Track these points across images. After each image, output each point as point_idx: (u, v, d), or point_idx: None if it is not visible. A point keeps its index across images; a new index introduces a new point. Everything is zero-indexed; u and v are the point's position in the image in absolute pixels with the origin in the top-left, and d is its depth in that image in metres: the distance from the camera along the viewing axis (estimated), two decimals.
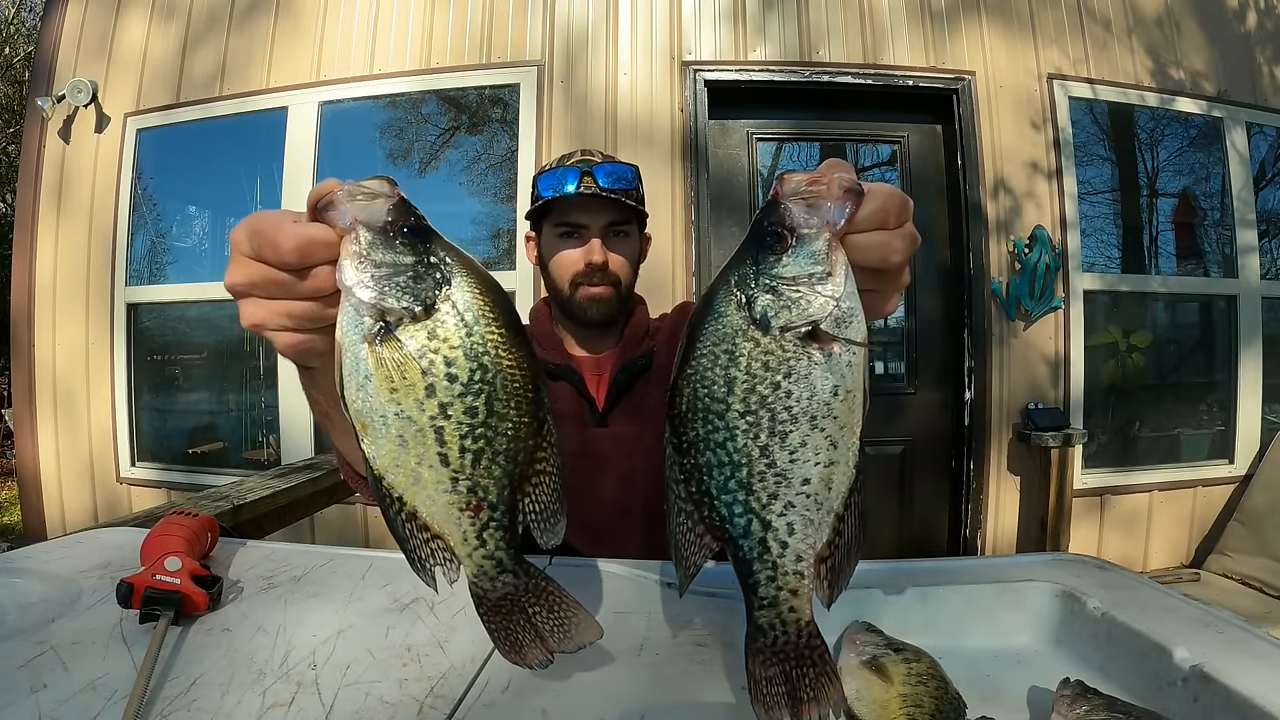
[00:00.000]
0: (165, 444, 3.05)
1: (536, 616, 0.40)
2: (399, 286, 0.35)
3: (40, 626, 0.53)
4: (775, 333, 0.33)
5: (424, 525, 0.37)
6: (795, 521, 0.34)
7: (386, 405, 0.35)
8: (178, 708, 0.43)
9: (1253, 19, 3.02)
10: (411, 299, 0.35)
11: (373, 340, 0.35)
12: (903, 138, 2.85)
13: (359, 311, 0.35)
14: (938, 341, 2.82)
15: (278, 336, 0.39)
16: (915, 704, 0.43)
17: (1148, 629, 0.50)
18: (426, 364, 0.35)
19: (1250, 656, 0.46)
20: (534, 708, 0.44)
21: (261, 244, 0.37)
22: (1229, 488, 2.88)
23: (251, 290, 0.38)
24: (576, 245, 0.95)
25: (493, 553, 0.38)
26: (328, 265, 0.36)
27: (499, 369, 0.36)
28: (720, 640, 0.53)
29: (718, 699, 0.45)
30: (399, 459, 0.36)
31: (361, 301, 0.35)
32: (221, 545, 0.71)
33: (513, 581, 0.39)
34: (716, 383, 0.34)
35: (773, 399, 0.33)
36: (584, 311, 0.96)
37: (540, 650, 0.40)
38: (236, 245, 0.38)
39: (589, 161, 0.95)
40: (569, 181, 0.92)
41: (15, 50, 7.59)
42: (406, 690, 0.45)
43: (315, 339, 0.40)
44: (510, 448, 0.37)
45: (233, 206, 3.17)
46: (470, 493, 0.36)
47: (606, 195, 0.92)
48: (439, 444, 0.35)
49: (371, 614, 0.57)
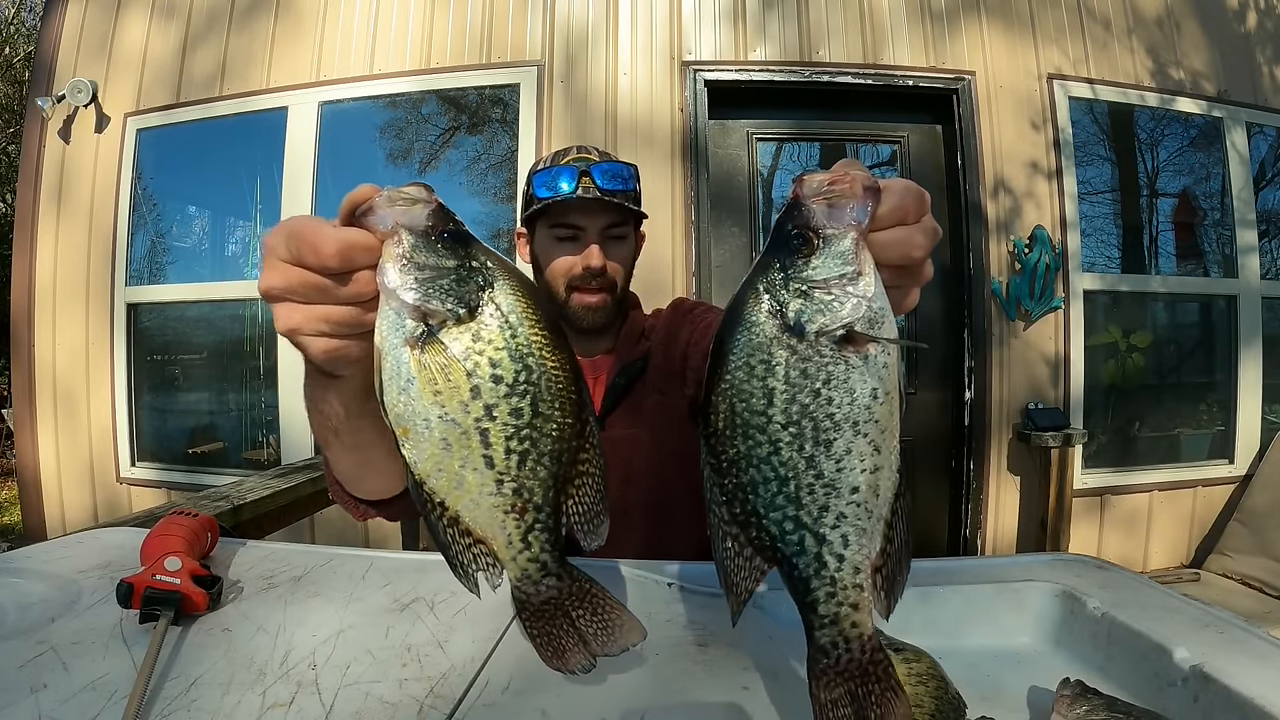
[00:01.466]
0: (165, 444, 3.04)
1: (580, 620, 0.39)
2: (442, 289, 0.35)
3: (40, 626, 0.53)
4: (811, 338, 0.32)
5: (466, 530, 0.37)
6: (849, 533, 0.33)
7: (430, 408, 0.35)
8: (178, 708, 0.43)
9: (1253, 19, 3.02)
10: (455, 301, 0.35)
11: (415, 343, 0.35)
12: (903, 138, 2.85)
13: (400, 314, 0.35)
14: (938, 341, 2.82)
15: (313, 342, 0.39)
16: (915, 704, 0.43)
17: (1148, 629, 0.50)
18: (471, 365, 0.35)
19: (1250, 656, 0.46)
20: (534, 708, 0.44)
21: (301, 247, 0.37)
22: (1229, 488, 2.88)
23: (288, 294, 0.38)
24: (573, 248, 0.92)
25: (537, 555, 0.37)
26: (367, 270, 0.36)
27: (543, 370, 0.36)
28: (720, 640, 0.53)
29: (718, 699, 0.45)
30: (442, 462, 0.36)
31: (404, 304, 0.35)
32: (221, 545, 0.71)
33: (556, 585, 0.38)
34: (755, 395, 0.32)
35: (814, 407, 0.32)
36: (578, 319, 0.94)
37: (584, 654, 0.39)
38: (272, 249, 0.38)
39: (586, 160, 0.91)
40: (566, 181, 0.88)
41: (15, 50, 7.59)
42: (406, 690, 0.45)
43: (350, 345, 0.39)
44: (555, 449, 0.37)
45: (233, 206, 3.17)
46: (515, 494, 0.36)
47: (605, 198, 0.89)
48: (484, 446, 0.35)
49: (371, 614, 0.57)
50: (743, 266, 2.77)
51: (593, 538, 0.39)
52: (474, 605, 0.59)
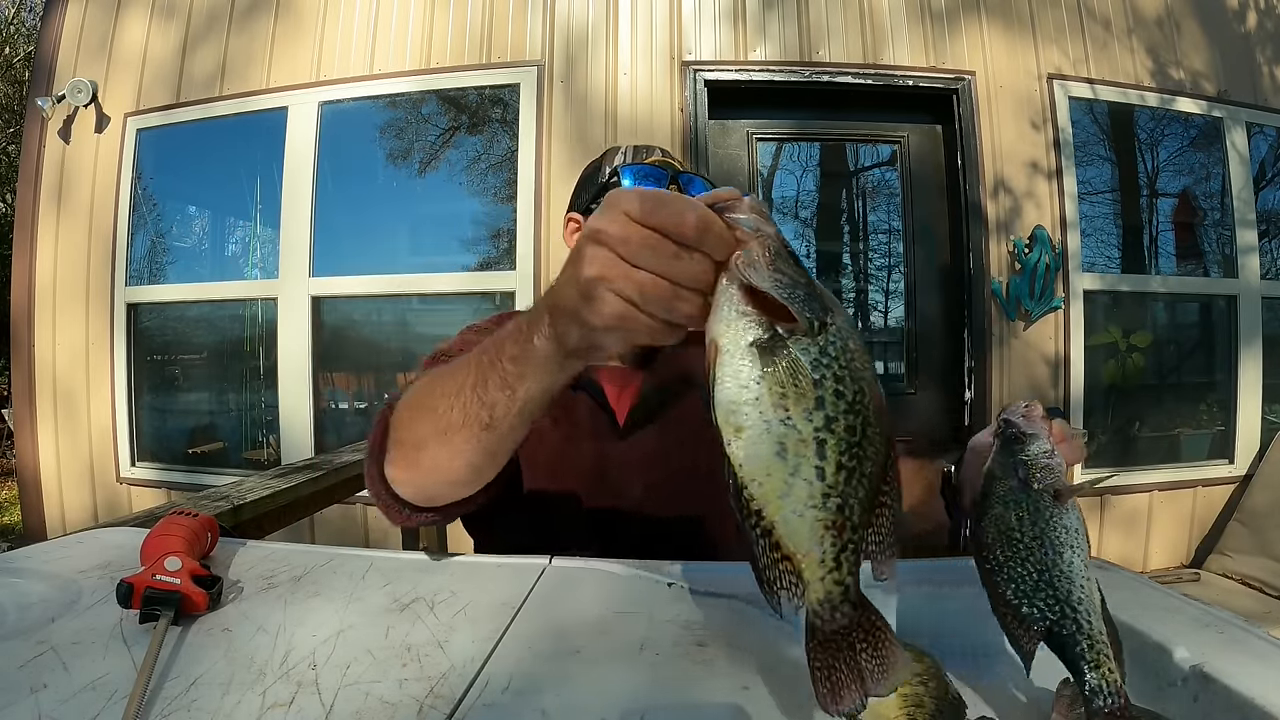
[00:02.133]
0: (165, 444, 3.05)
1: (863, 655, 0.38)
2: (799, 299, 0.36)
3: (40, 626, 0.53)
4: (1036, 490, 0.48)
5: (776, 543, 0.37)
6: (1084, 606, 0.45)
7: (771, 411, 0.35)
8: (178, 708, 0.43)
9: (1253, 19, 3.02)
10: (811, 313, 0.36)
11: (764, 345, 0.36)
12: (903, 138, 2.85)
13: (749, 313, 0.36)
14: (938, 341, 2.82)
15: (611, 300, 0.39)
16: (915, 704, 0.43)
17: (1148, 629, 0.50)
18: (819, 376, 0.36)
19: (1250, 656, 0.46)
20: (534, 708, 0.44)
21: (662, 208, 0.37)
22: (1229, 488, 2.88)
23: (618, 244, 0.38)
24: None
25: (844, 578, 0.37)
26: (704, 259, 0.38)
27: (872, 394, 0.37)
28: (720, 640, 0.53)
29: (718, 699, 0.45)
30: (772, 468, 0.36)
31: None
32: (221, 545, 0.71)
33: (850, 614, 0.38)
34: (1010, 524, 0.48)
35: (1046, 530, 0.47)
36: None
37: (858, 693, 0.38)
38: (620, 203, 0.38)
39: (671, 165, 0.88)
40: (660, 184, 0.85)
41: (15, 50, 7.59)
42: (406, 690, 0.45)
43: (641, 318, 0.39)
44: (872, 472, 0.37)
45: (233, 206, 3.17)
46: (839, 511, 0.36)
47: None
48: (819, 457, 0.36)
49: (371, 614, 0.57)
50: None
51: (885, 570, 0.38)
52: (474, 605, 0.59)
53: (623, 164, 0.89)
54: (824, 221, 3.05)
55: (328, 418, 2.87)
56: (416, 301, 2.90)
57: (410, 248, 3.02)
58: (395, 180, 2.97)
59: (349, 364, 2.96)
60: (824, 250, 3.04)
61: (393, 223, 2.99)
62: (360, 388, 3.00)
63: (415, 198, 2.98)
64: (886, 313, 2.95)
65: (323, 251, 2.80)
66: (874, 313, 2.99)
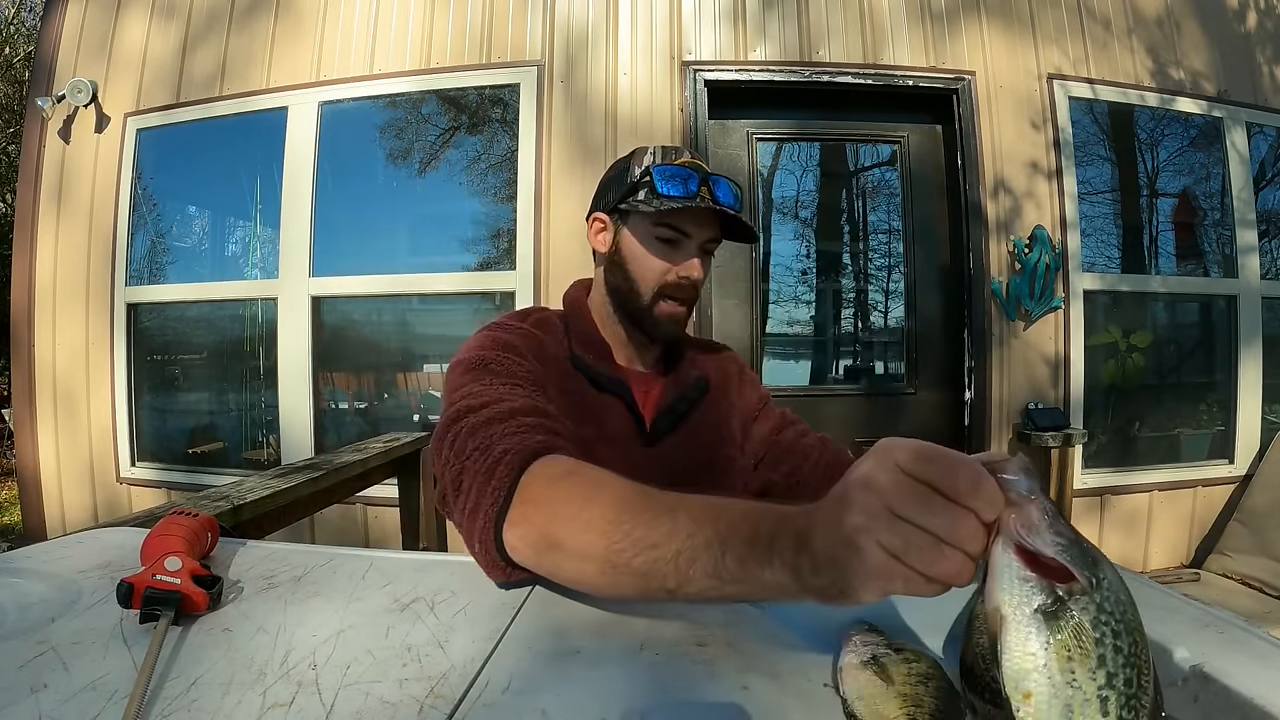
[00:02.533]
0: (165, 444, 3.05)
1: None
2: (1075, 558, 0.37)
3: (40, 626, 0.53)
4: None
5: None
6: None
7: (1059, 675, 0.36)
8: (178, 708, 0.43)
9: (1253, 19, 3.02)
10: (1088, 570, 0.37)
11: (1051, 611, 0.36)
12: (903, 138, 2.85)
13: (1031, 579, 0.37)
14: (938, 341, 2.82)
15: (872, 552, 0.38)
16: (915, 704, 0.43)
17: (1148, 629, 0.50)
18: (1100, 635, 0.36)
19: (1250, 656, 0.46)
20: (534, 708, 0.44)
21: (936, 462, 0.37)
22: (1229, 488, 2.88)
23: (890, 495, 0.38)
24: (675, 253, 0.88)
25: None
26: (972, 517, 0.37)
27: (1143, 643, 0.38)
28: (720, 640, 0.53)
29: (718, 699, 0.45)
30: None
31: (1039, 569, 0.37)
32: (221, 545, 0.71)
33: None
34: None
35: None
36: (658, 327, 0.90)
37: None
38: (893, 453, 0.38)
39: (700, 168, 0.88)
40: (692, 185, 0.85)
41: (15, 50, 7.59)
42: (407, 690, 0.45)
43: (900, 572, 0.38)
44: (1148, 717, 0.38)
45: (233, 206, 3.17)
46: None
47: (725, 212, 0.86)
48: (1102, 713, 0.36)
49: (372, 614, 0.57)
50: (743, 266, 2.77)
51: None
52: (474, 605, 0.59)
53: (653, 164, 0.89)
54: (824, 221, 3.05)
55: (328, 418, 2.87)
56: (416, 301, 2.90)
57: (410, 248, 3.02)
58: (395, 180, 2.97)
59: (349, 364, 2.96)
60: (824, 250, 3.04)
61: (393, 223, 2.99)
62: (360, 388, 3.00)
63: (415, 198, 2.98)
64: (886, 313, 2.95)
65: (323, 251, 2.80)
66: (874, 313, 2.99)
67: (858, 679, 0.46)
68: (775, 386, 2.67)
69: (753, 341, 2.76)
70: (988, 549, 0.38)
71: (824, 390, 2.90)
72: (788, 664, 0.50)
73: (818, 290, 3.03)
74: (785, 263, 2.96)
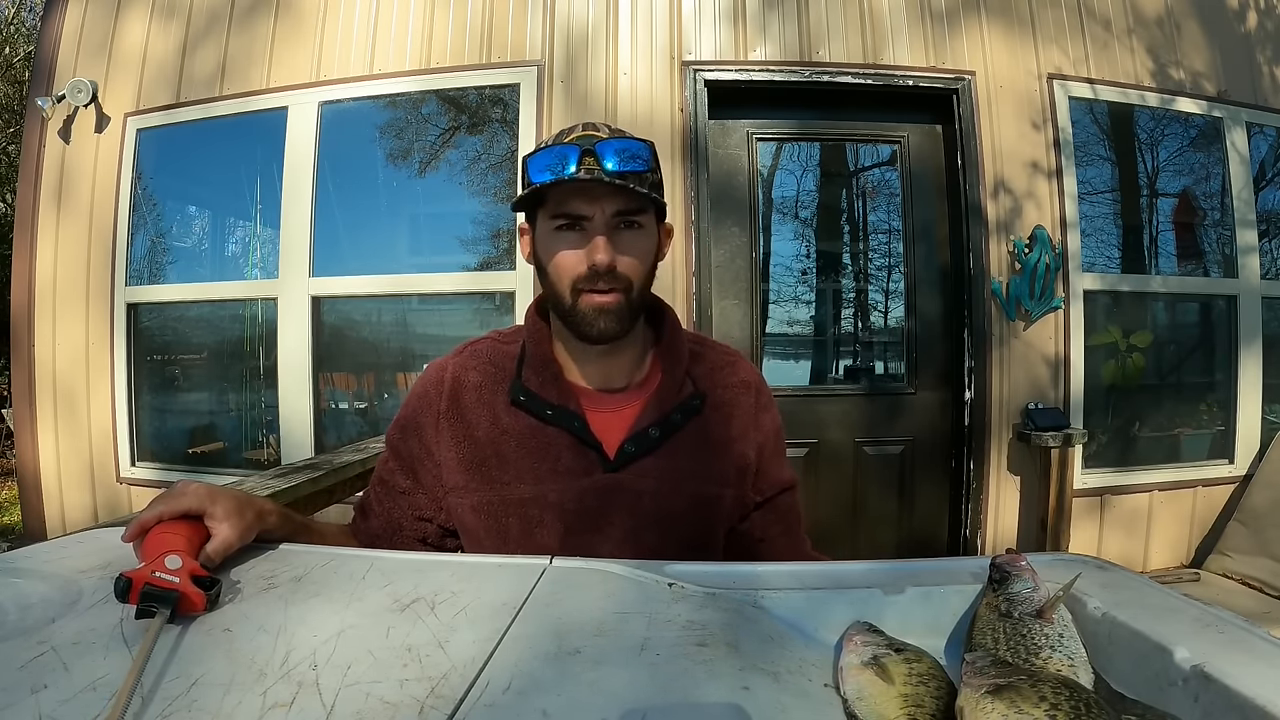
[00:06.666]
0: (165, 444, 3.05)
1: None
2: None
3: (40, 626, 0.53)
4: (1017, 616, 0.53)
5: None
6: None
7: None
8: (178, 708, 0.43)
9: (1253, 19, 3.02)
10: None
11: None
12: (903, 138, 2.85)
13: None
14: (938, 341, 2.82)
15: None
16: (916, 704, 0.43)
17: (1148, 629, 0.50)
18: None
19: (1251, 656, 0.46)
20: (535, 708, 0.43)
21: None
22: (1229, 488, 2.88)
23: None
24: (579, 241, 0.77)
25: None
26: None
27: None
28: (720, 640, 0.53)
29: (718, 699, 0.45)
30: None
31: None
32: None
33: None
34: (992, 644, 0.52)
35: (1026, 638, 0.51)
36: (589, 324, 0.78)
37: None
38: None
39: (592, 138, 0.76)
40: (568, 163, 0.74)
41: (15, 50, 7.59)
42: (407, 690, 0.45)
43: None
44: None
45: (233, 206, 3.17)
46: None
47: (612, 180, 0.74)
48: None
49: (372, 614, 0.57)
50: (743, 266, 2.77)
51: None
52: (475, 606, 0.59)
53: (530, 154, 0.79)
54: (824, 221, 3.05)
55: (328, 418, 2.87)
56: (416, 301, 2.90)
57: (410, 248, 3.02)
58: (395, 180, 2.98)
59: (349, 364, 2.96)
60: (824, 250, 3.04)
61: (393, 223, 2.99)
62: (360, 388, 3.00)
63: (415, 198, 2.98)
64: (886, 313, 2.95)
65: (323, 251, 2.80)
66: (874, 313, 3.00)
67: (858, 679, 0.46)
68: (775, 387, 2.66)
69: (752, 342, 2.77)
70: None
71: (824, 390, 2.90)
72: (788, 664, 0.50)
73: (818, 290, 3.03)
74: (785, 263, 2.97)
